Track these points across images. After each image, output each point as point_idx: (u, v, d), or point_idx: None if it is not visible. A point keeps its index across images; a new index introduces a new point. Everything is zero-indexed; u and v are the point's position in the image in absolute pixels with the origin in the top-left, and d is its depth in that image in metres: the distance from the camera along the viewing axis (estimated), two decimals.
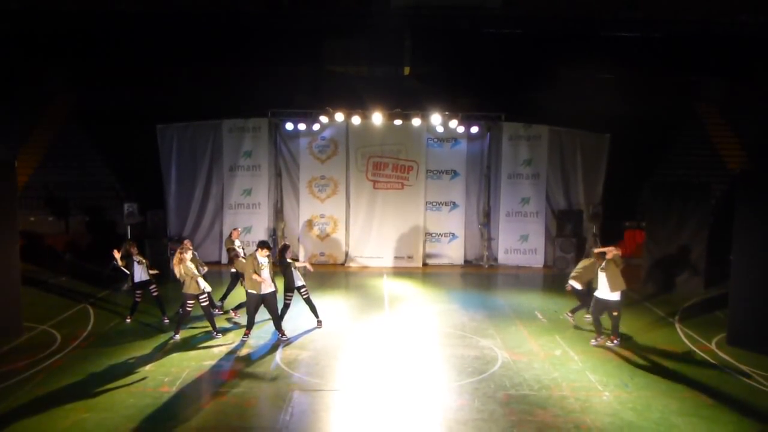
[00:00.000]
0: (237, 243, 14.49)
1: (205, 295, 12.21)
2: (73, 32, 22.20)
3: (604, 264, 11.87)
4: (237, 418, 8.99)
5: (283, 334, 12.29)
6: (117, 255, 13.16)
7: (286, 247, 12.95)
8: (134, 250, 13.26)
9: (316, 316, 13.16)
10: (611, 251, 11.83)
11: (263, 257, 11.98)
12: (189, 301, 12.12)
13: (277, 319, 12.34)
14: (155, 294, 13.42)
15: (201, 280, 12.13)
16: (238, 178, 19.66)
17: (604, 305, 12.03)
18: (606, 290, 11.85)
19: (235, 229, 15.20)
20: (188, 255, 12.16)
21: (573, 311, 13.50)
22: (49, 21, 21.66)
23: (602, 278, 11.90)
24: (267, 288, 11.96)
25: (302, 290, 12.94)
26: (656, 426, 8.80)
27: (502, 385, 10.24)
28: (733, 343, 12.16)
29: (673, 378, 10.60)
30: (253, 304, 12.10)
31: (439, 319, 13.94)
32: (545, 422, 8.89)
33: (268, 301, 12.08)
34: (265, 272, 11.93)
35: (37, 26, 21.95)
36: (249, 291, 12.01)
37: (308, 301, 13.00)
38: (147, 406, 9.23)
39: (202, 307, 12.24)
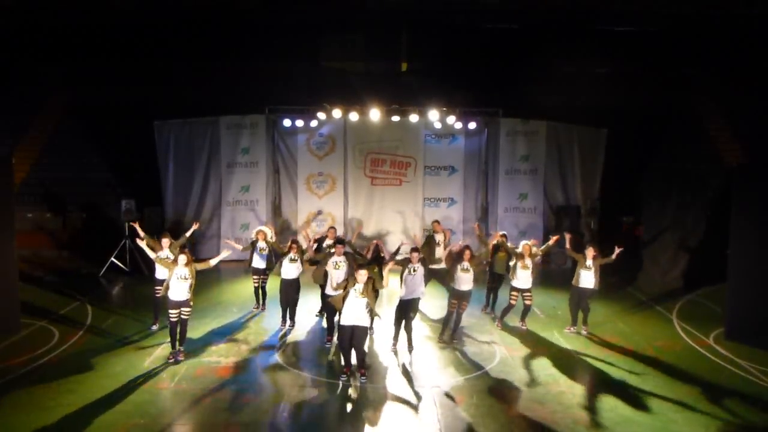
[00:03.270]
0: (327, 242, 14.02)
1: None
2: (69, 28, 22.07)
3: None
4: (235, 413, 9.00)
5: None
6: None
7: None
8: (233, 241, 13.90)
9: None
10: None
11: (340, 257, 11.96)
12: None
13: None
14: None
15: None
16: (236, 174, 19.62)
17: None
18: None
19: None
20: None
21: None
22: (44, 17, 21.53)
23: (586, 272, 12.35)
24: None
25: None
26: (653, 421, 8.82)
27: (501, 381, 10.26)
28: (730, 337, 12.18)
29: (670, 373, 10.63)
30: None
31: (438, 315, 13.92)
32: (543, 418, 8.91)
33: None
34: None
35: (32, 22, 21.82)
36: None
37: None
38: (145, 402, 9.24)
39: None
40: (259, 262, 13.67)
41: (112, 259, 17.50)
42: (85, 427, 8.46)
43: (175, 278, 10.65)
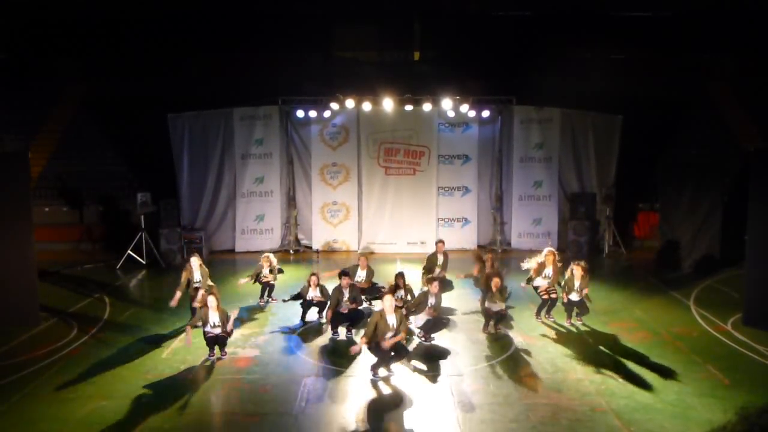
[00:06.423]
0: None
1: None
2: (84, 22, 22.23)
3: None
4: (253, 404, 9.05)
5: None
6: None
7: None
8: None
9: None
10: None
11: None
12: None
13: None
14: None
15: None
16: (250, 166, 19.65)
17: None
18: None
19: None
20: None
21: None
22: (59, 11, 21.69)
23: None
24: None
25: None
26: (672, 407, 8.78)
27: (517, 369, 10.25)
28: (749, 323, 12.10)
29: (688, 359, 10.57)
30: None
31: (453, 304, 13.93)
32: (560, 405, 8.89)
33: None
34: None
35: (48, 16, 21.98)
36: None
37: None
38: (164, 393, 9.32)
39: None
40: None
41: (129, 251, 17.60)
42: (105, 418, 8.55)
43: (208, 326, 10.54)
